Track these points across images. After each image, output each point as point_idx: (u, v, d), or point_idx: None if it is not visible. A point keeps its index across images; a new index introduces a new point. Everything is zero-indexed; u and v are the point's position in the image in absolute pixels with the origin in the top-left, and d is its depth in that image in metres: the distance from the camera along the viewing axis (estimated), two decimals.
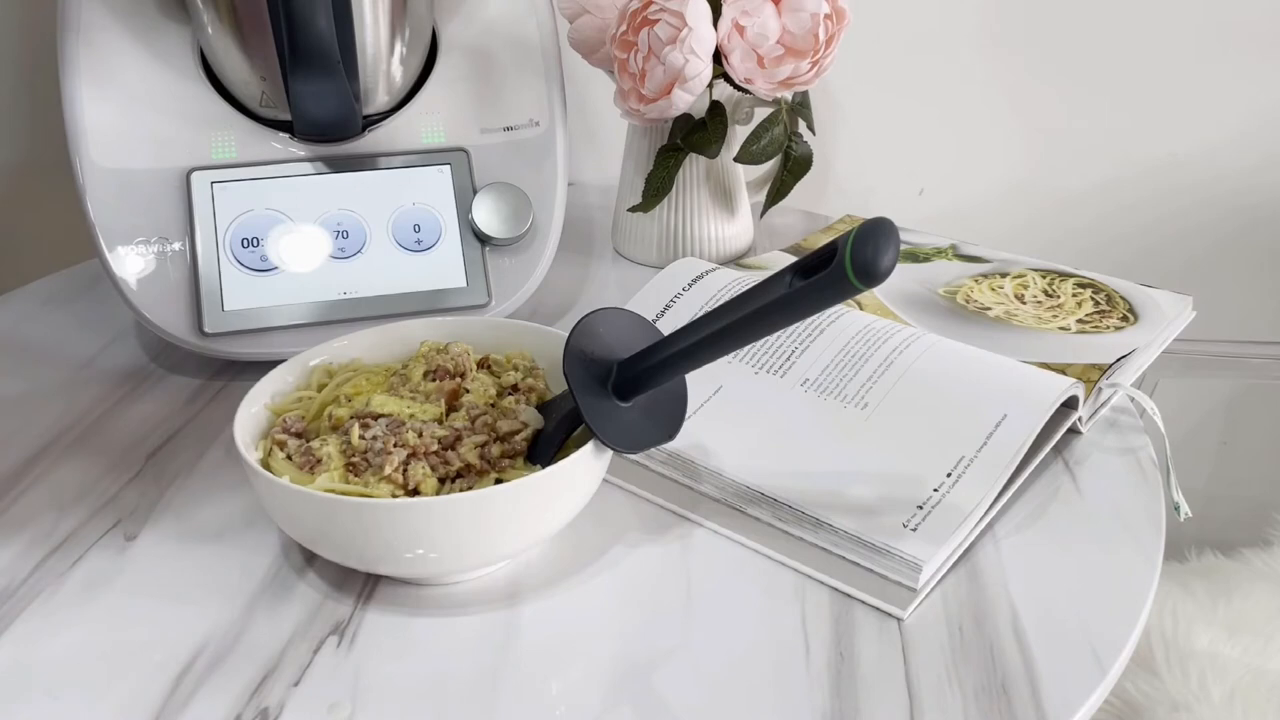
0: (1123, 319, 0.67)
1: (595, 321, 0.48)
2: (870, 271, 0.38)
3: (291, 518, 0.46)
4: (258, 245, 0.65)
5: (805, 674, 0.44)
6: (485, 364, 0.53)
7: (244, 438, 0.48)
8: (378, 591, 0.48)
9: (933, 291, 0.72)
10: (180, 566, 0.50)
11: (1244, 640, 0.75)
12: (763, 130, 0.75)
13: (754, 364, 0.60)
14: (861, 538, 0.49)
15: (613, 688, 0.43)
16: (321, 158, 0.67)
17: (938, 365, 0.57)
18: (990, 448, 0.52)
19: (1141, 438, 0.59)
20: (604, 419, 0.46)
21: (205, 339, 0.63)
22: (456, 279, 0.67)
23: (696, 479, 0.55)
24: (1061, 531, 0.52)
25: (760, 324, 0.43)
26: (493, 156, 0.70)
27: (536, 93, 0.71)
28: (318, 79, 0.62)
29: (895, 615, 0.47)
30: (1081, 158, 0.99)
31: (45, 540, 0.52)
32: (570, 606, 0.48)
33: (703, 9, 0.67)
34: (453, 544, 0.45)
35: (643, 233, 0.81)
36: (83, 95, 0.63)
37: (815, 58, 0.69)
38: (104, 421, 0.62)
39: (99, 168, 0.63)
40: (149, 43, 0.65)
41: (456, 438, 0.47)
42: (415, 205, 0.67)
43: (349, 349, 0.55)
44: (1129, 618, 0.46)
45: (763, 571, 0.49)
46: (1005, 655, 0.44)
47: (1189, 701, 0.70)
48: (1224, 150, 0.97)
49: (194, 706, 0.42)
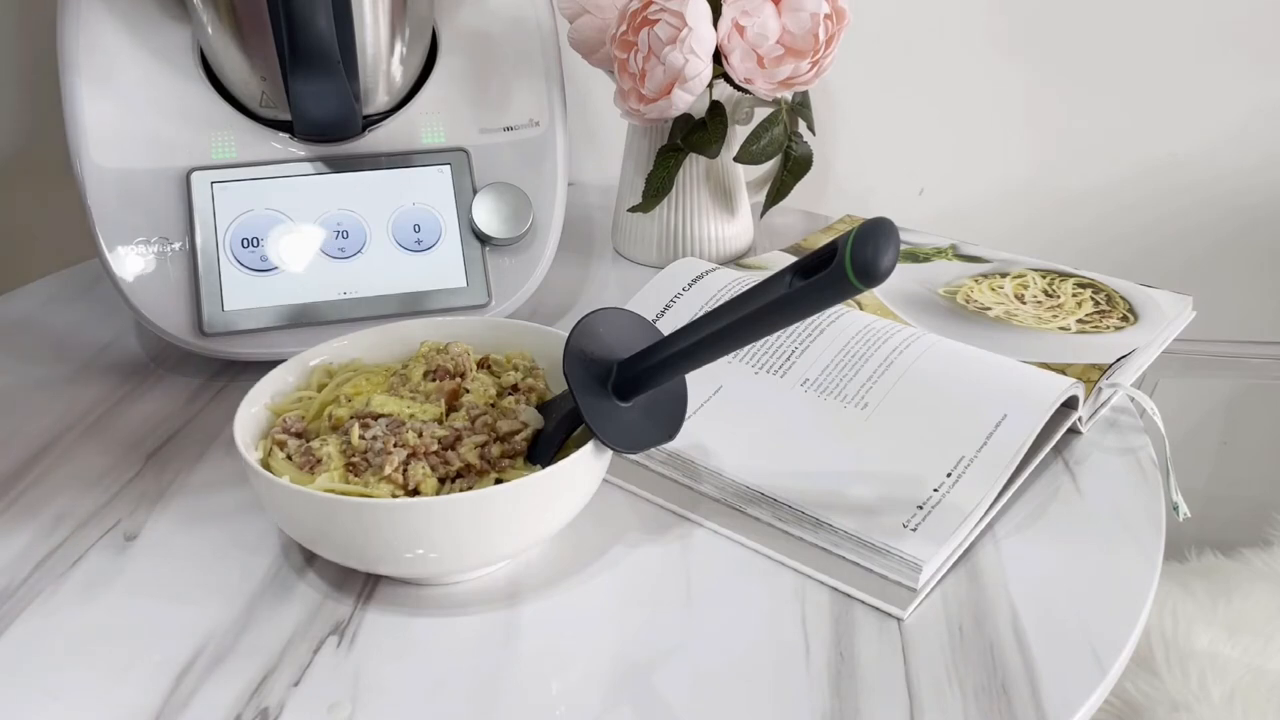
0: (1123, 319, 0.67)
1: (595, 321, 0.48)
2: (870, 271, 0.38)
3: (291, 518, 0.46)
4: (258, 245, 0.65)
5: (805, 674, 0.44)
6: (485, 364, 0.53)
7: (244, 438, 0.48)
8: (378, 591, 0.48)
9: (933, 291, 0.72)
10: (180, 566, 0.50)
11: (1244, 640, 0.75)
12: (763, 130, 0.75)
13: (754, 364, 0.60)
14: (861, 538, 0.49)
15: (613, 688, 0.43)
16: (321, 158, 0.67)
17: (938, 365, 0.57)
18: (990, 448, 0.52)
19: (1141, 438, 0.59)
20: (604, 419, 0.46)
21: (205, 339, 0.63)
22: (456, 279, 0.67)
23: (696, 479, 0.55)
24: (1061, 531, 0.52)
25: (760, 324, 0.43)
26: (493, 156, 0.70)
27: (536, 93, 0.71)
28: (318, 79, 0.62)
29: (895, 615, 0.47)
30: (1081, 158, 0.99)
31: (45, 540, 0.52)
32: (570, 606, 0.48)
33: (703, 9, 0.67)
34: (453, 544, 0.45)
35: (643, 233, 0.81)
36: (83, 95, 0.63)
37: (815, 58, 0.69)
38: (104, 421, 0.62)
39: (99, 168, 0.63)
40: (149, 43, 0.65)
41: (456, 438, 0.47)
42: (415, 205, 0.67)
43: (349, 349, 0.55)
44: (1129, 618, 0.46)
45: (763, 571, 0.49)
46: (1005, 655, 0.44)
47: (1189, 701, 0.70)
48: (1224, 150, 0.97)
49: (194, 706, 0.42)
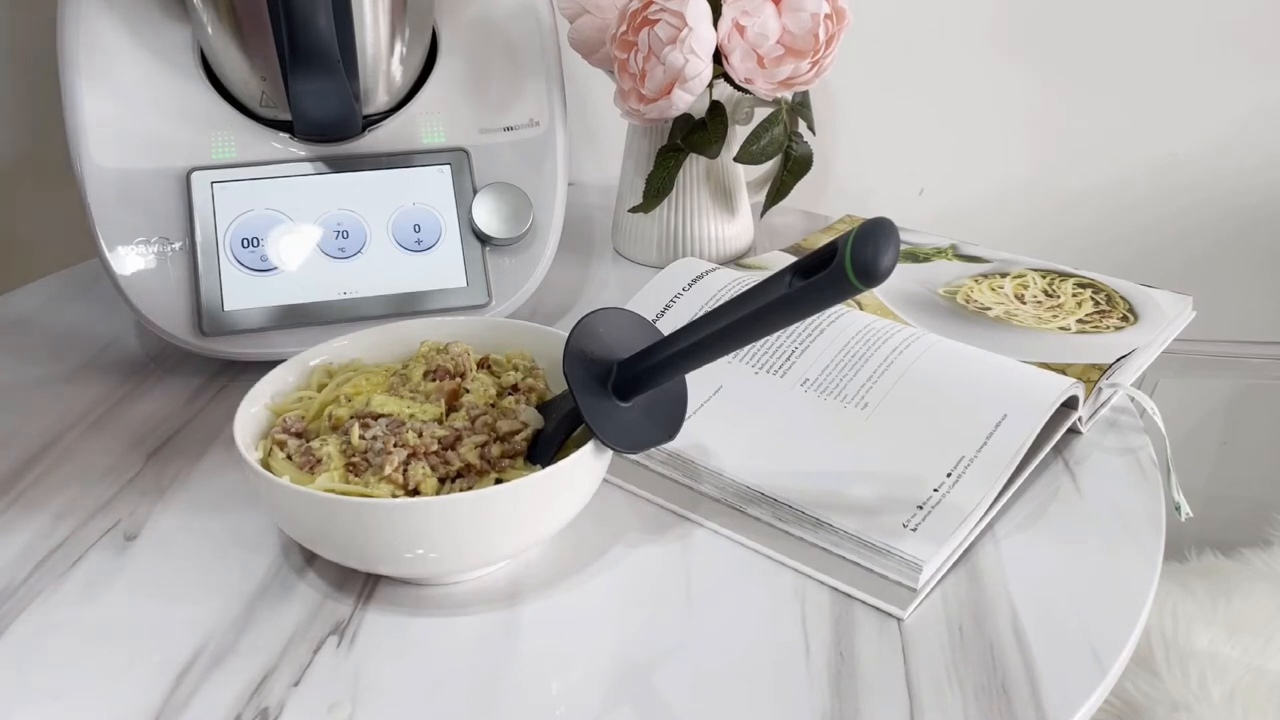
0: (1123, 319, 0.67)
1: (595, 321, 0.47)
2: (870, 271, 0.38)
3: (291, 518, 0.46)
4: (258, 245, 0.65)
5: (805, 674, 0.44)
6: (485, 364, 0.53)
7: (244, 438, 0.48)
8: (378, 591, 0.48)
9: (933, 291, 0.72)
10: (180, 566, 0.50)
11: (1244, 640, 0.75)
12: (763, 130, 0.75)
13: (754, 364, 0.60)
14: (861, 538, 0.49)
15: (613, 688, 0.43)
16: (321, 158, 0.67)
17: (938, 365, 0.57)
18: (990, 448, 0.52)
19: (1141, 438, 0.59)
20: (604, 419, 0.46)
21: (205, 339, 0.63)
22: (456, 279, 0.67)
23: (696, 479, 0.55)
24: (1061, 531, 0.52)
25: (760, 324, 0.43)
26: (493, 156, 0.70)
27: (536, 93, 0.71)
28: (318, 79, 0.62)
29: (895, 615, 0.47)
30: (1081, 158, 0.99)
31: (45, 540, 0.52)
32: (570, 606, 0.48)
33: (703, 9, 0.67)
34: (453, 544, 0.45)
35: (643, 233, 0.81)
36: (83, 95, 0.63)
37: (815, 58, 0.69)
38: (104, 421, 0.62)
39: (99, 168, 0.63)
40: (149, 43, 0.65)
41: (456, 438, 0.47)
42: (415, 205, 0.67)
43: (349, 349, 0.55)
44: (1129, 618, 0.46)
45: (763, 571, 0.49)
46: (1005, 655, 0.44)
47: (1189, 701, 0.70)
48: (1224, 150, 0.97)
49: (194, 706, 0.42)
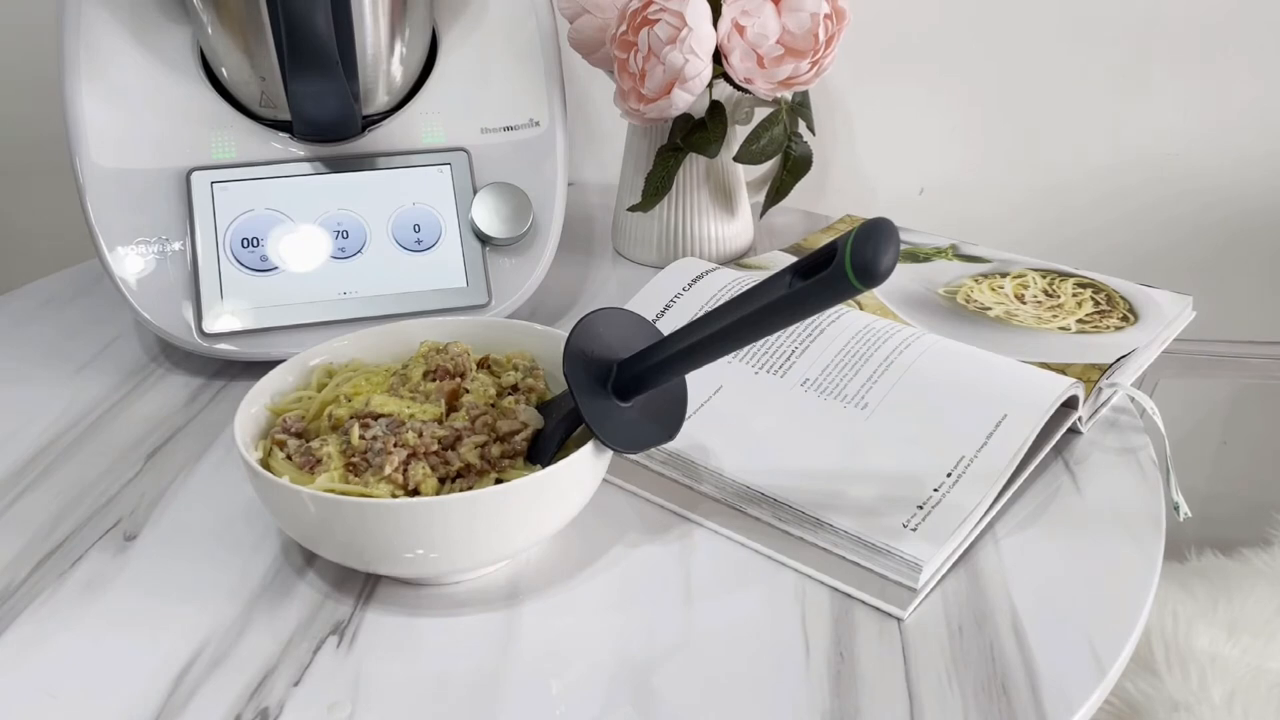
0: (1123, 319, 0.67)
1: (595, 321, 0.47)
2: (870, 272, 0.38)
3: (291, 518, 0.46)
4: (258, 245, 0.65)
5: (805, 674, 0.44)
6: (485, 364, 0.53)
7: (244, 438, 0.48)
8: (378, 591, 0.48)
9: (933, 291, 0.72)
10: (180, 566, 0.50)
11: (1244, 640, 0.75)
12: (763, 130, 0.75)
13: (754, 364, 0.60)
14: (861, 538, 0.49)
15: (613, 688, 0.43)
16: (321, 158, 0.67)
17: (937, 365, 0.57)
18: (990, 448, 0.52)
19: (1141, 438, 0.59)
20: (604, 419, 0.46)
21: (205, 339, 0.63)
22: (456, 279, 0.67)
23: (696, 479, 0.55)
24: (1061, 531, 0.52)
25: (760, 324, 0.43)
26: (493, 156, 0.70)
27: (536, 93, 0.71)
28: (317, 80, 0.62)
29: (895, 615, 0.47)
30: (1082, 158, 0.99)
31: (45, 540, 0.52)
32: (570, 606, 0.48)
33: (703, 9, 0.67)
34: (453, 544, 0.45)
35: (643, 233, 0.81)
36: (83, 95, 0.63)
37: (815, 58, 0.69)
38: (104, 421, 0.62)
39: (99, 168, 0.63)
40: (149, 43, 0.65)
41: (456, 438, 0.47)
42: (415, 205, 0.67)
43: (349, 349, 0.55)
44: (1129, 618, 0.46)
45: (763, 571, 0.49)
46: (1005, 655, 0.44)
47: (1189, 701, 0.70)
48: (1224, 150, 0.97)
49: (194, 706, 0.42)
